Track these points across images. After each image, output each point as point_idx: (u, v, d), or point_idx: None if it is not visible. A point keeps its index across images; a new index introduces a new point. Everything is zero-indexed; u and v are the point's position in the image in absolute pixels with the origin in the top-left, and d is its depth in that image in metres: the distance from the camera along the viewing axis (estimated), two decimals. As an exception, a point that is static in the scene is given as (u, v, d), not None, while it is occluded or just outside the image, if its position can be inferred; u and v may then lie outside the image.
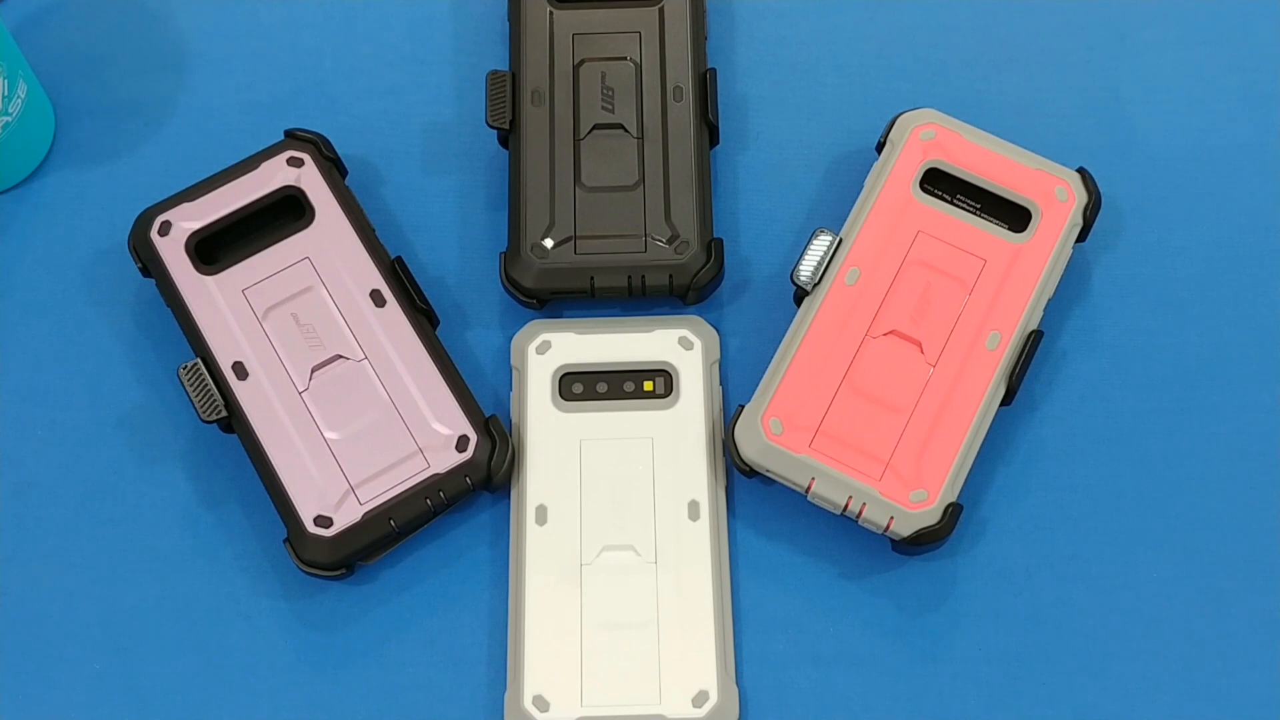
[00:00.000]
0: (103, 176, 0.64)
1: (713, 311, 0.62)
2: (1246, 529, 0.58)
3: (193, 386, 0.57)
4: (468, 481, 0.56)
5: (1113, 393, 0.60)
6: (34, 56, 0.65)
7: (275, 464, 0.56)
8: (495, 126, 0.62)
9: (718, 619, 0.56)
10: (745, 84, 0.66)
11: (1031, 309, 0.58)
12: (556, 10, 0.64)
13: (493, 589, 0.58)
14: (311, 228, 0.60)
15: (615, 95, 0.63)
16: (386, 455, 0.56)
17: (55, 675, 0.57)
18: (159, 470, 0.59)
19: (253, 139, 0.63)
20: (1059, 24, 0.67)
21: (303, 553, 0.55)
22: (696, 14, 0.64)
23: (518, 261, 0.60)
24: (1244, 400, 0.60)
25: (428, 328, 0.59)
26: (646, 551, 0.56)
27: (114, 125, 0.65)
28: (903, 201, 0.60)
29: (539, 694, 0.55)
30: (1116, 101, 0.65)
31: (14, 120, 0.61)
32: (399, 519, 0.56)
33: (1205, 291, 0.62)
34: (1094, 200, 0.60)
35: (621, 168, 0.62)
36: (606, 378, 0.59)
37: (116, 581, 0.58)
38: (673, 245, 0.60)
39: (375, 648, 0.57)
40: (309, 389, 0.57)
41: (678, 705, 0.54)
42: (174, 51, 0.67)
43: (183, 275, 0.59)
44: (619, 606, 0.56)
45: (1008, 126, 0.63)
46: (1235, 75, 0.66)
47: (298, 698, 0.56)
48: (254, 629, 0.57)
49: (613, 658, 0.55)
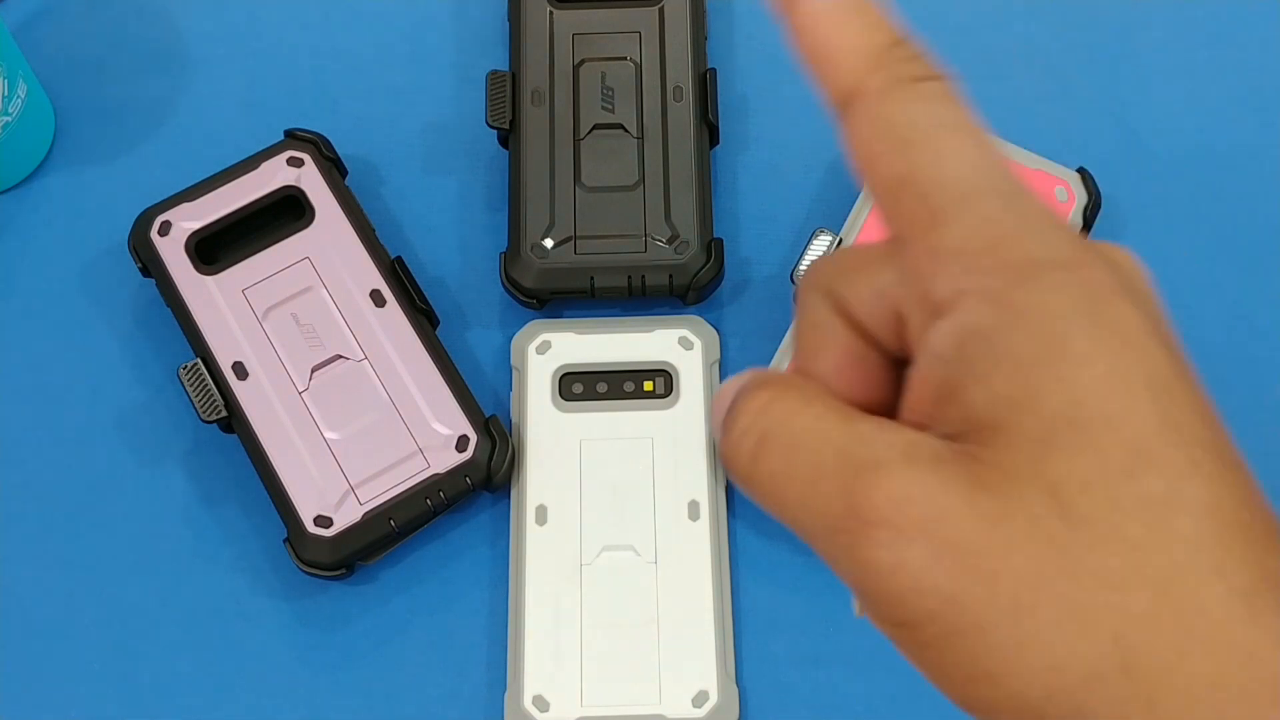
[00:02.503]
0: (103, 176, 0.64)
1: (713, 311, 0.62)
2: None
3: (193, 386, 0.57)
4: (468, 481, 0.56)
5: (1113, 393, 0.60)
6: (34, 56, 0.65)
7: (275, 464, 0.56)
8: (495, 126, 0.62)
9: (718, 619, 0.56)
10: (745, 84, 0.66)
11: (1031, 309, 0.58)
12: (556, 10, 0.64)
13: (493, 589, 0.58)
14: (311, 228, 0.60)
15: (615, 95, 0.63)
16: (386, 455, 0.56)
17: (55, 675, 0.57)
18: (159, 470, 0.59)
19: (253, 139, 0.62)
20: (1059, 24, 0.67)
21: (303, 553, 0.55)
22: (696, 14, 0.64)
23: (518, 261, 0.60)
24: (1244, 400, 0.60)
25: (428, 328, 0.59)
26: (646, 551, 0.56)
27: (114, 125, 0.65)
28: (903, 201, 0.60)
29: (539, 694, 0.55)
30: (1116, 101, 0.65)
31: (14, 120, 0.61)
32: (399, 519, 0.56)
33: (1205, 291, 0.62)
34: (1094, 200, 0.60)
35: (621, 168, 0.62)
36: (606, 378, 0.59)
37: (116, 581, 0.58)
38: (673, 245, 0.60)
39: (375, 648, 0.57)
40: (309, 389, 0.57)
41: (678, 705, 0.54)
42: (174, 51, 0.67)
43: (183, 275, 0.59)
44: (619, 606, 0.56)
45: (1008, 126, 0.63)
46: (1235, 75, 0.65)
47: (298, 698, 0.56)
48: (254, 629, 0.57)
49: (613, 658, 0.55)
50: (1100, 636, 0.23)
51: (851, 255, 0.28)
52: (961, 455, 0.25)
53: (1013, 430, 0.24)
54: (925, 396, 0.26)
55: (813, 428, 0.26)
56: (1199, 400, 0.25)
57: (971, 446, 0.25)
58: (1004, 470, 0.24)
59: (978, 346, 0.24)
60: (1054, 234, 0.25)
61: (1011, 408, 0.24)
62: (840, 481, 0.25)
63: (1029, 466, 0.24)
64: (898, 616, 0.25)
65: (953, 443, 0.25)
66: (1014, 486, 0.24)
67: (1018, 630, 0.24)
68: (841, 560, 0.25)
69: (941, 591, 0.24)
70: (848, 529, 0.25)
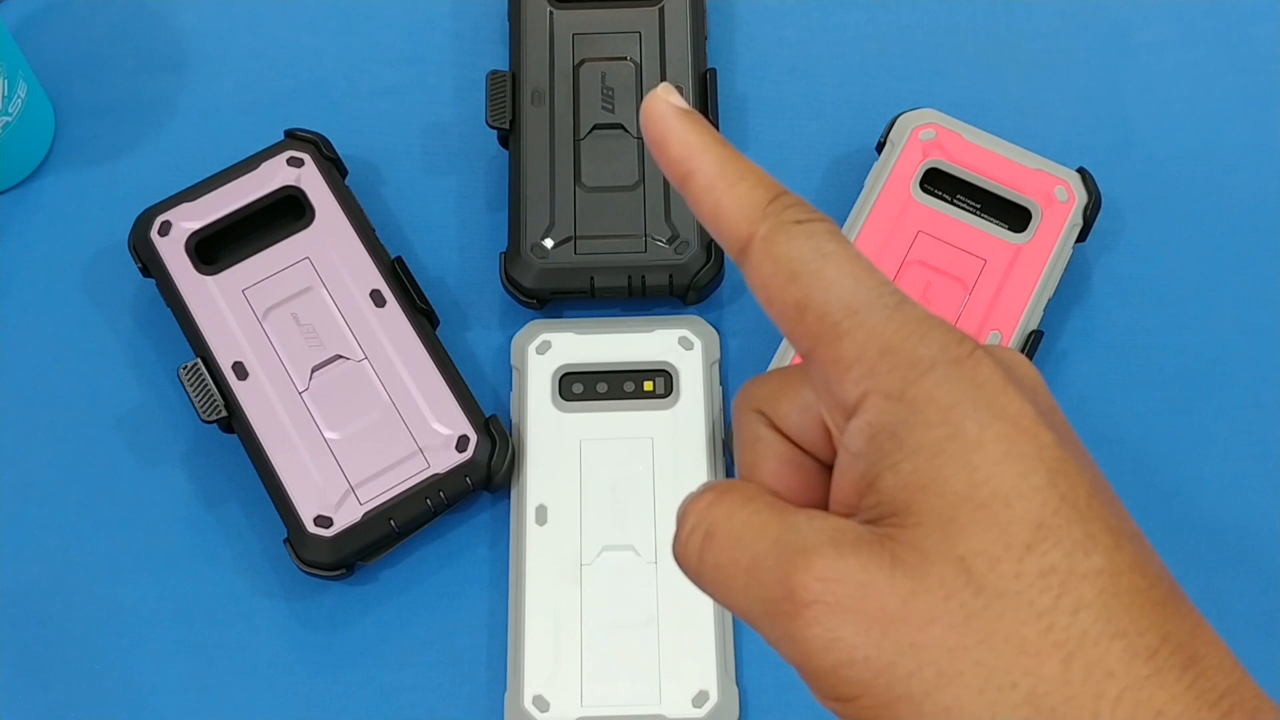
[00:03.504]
0: (103, 176, 0.64)
1: (713, 311, 0.62)
2: (1247, 529, 0.58)
3: (193, 386, 0.57)
4: (468, 481, 0.56)
5: (1113, 393, 0.60)
6: (34, 56, 0.65)
7: (275, 464, 0.56)
8: (495, 126, 0.62)
9: (718, 619, 0.56)
10: (745, 84, 0.66)
11: (1031, 309, 0.58)
12: (556, 10, 0.64)
13: (493, 589, 0.57)
14: (311, 228, 0.60)
15: (615, 95, 0.63)
16: (386, 455, 0.56)
17: (55, 675, 0.57)
18: (159, 470, 0.59)
19: (253, 139, 0.62)
20: (1059, 24, 0.67)
21: (303, 553, 0.55)
22: (696, 14, 0.64)
23: (518, 261, 0.60)
24: (1244, 400, 0.60)
25: (428, 328, 0.59)
26: (646, 551, 0.56)
27: (114, 125, 0.65)
28: (903, 201, 0.60)
29: (539, 694, 0.55)
30: (1116, 101, 0.65)
31: (14, 120, 0.61)
32: (399, 519, 0.56)
33: (1205, 291, 0.62)
34: (1094, 200, 0.60)
35: (622, 168, 0.62)
36: (606, 378, 0.59)
37: (116, 581, 0.58)
38: (673, 245, 0.60)
39: (375, 648, 0.57)
40: (309, 389, 0.57)
41: (678, 705, 0.54)
42: (174, 51, 0.67)
43: (183, 275, 0.59)
44: (619, 606, 0.56)
45: (1008, 126, 0.62)
46: (1235, 75, 0.65)
47: (298, 698, 0.56)
48: (254, 629, 0.57)
49: (613, 658, 0.55)
50: (1018, 700, 0.25)
51: (775, 379, 0.32)
52: (882, 538, 0.27)
53: (923, 512, 0.27)
54: (847, 488, 0.28)
55: (751, 521, 0.29)
56: (1092, 479, 0.27)
57: (890, 529, 0.27)
58: (919, 549, 0.26)
59: (885, 440, 0.27)
60: (940, 334, 0.28)
61: (920, 491, 0.27)
62: (776, 567, 0.28)
63: (940, 545, 0.26)
64: (837, 692, 0.27)
65: (874, 527, 0.27)
66: (929, 563, 0.26)
67: (944, 698, 0.26)
68: (783, 641, 0.28)
69: (872, 663, 0.26)
70: (785, 611, 0.27)
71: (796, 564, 0.27)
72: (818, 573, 0.27)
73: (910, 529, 0.27)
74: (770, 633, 0.28)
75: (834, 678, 0.27)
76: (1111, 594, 0.26)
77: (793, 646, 0.27)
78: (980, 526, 0.26)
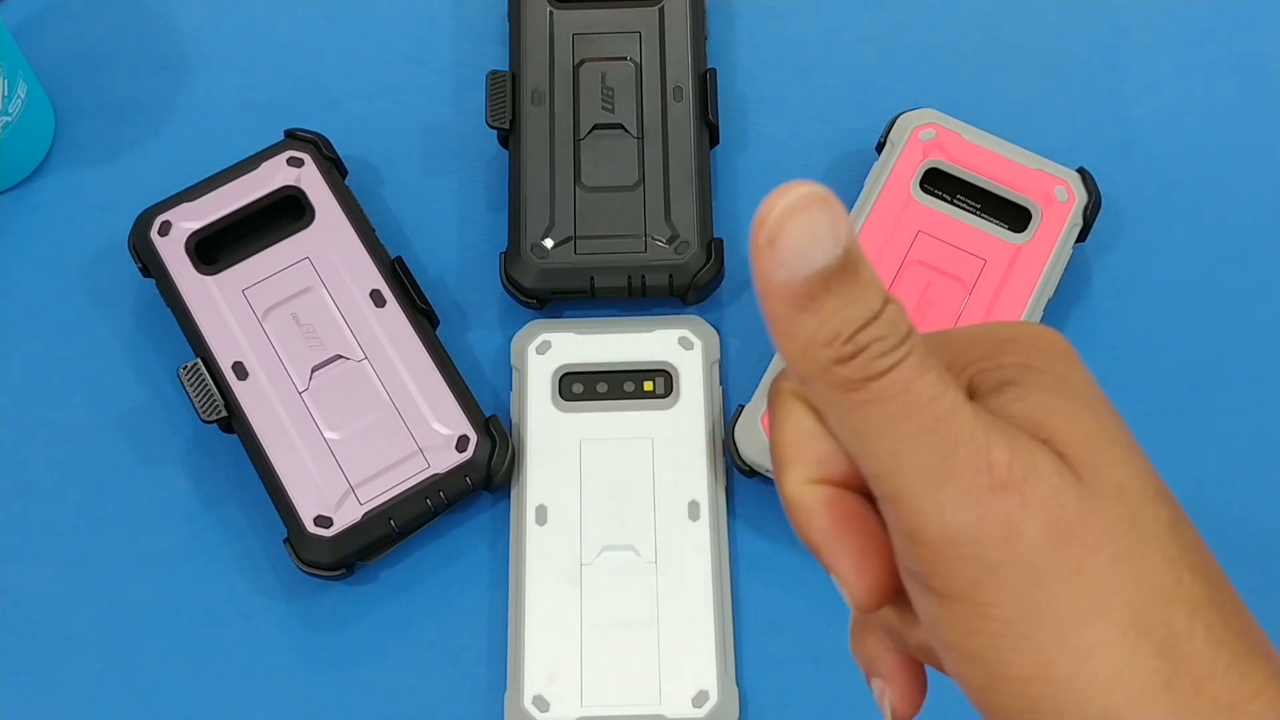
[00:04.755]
0: (103, 176, 0.64)
1: (713, 311, 0.62)
2: (1247, 528, 0.58)
3: (193, 386, 0.57)
4: (468, 481, 0.56)
5: (1113, 393, 0.59)
6: (34, 56, 0.65)
7: (275, 464, 0.56)
8: (495, 126, 0.62)
9: (718, 619, 0.56)
10: (745, 84, 0.66)
11: (1031, 309, 0.58)
12: (556, 10, 0.64)
13: (493, 589, 0.57)
14: (311, 228, 0.60)
15: (615, 95, 0.63)
16: (386, 455, 0.56)
17: (55, 675, 0.57)
18: (159, 470, 0.59)
19: (253, 139, 0.62)
20: (1059, 24, 0.67)
21: (303, 553, 0.55)
22: (696, 14, 0.64)
23: (518, 261, 0.60)
24: (1244, 400, 0.60)
25: (428, 328, 0.59)
26: (646, 551, 0.56)
27: (114, 125, 0.65)
28: (903, 201, 0.60)
29: (539, 694, 0.55)
30: (1116, 101, 0.65)
31: (14, 120, 0.61)
32: (399, 519, 0.56)
33: (1205, 291, 0.62)
34: (1094, 200, 0.60)
35: (621, 168, 0.62)
36: (606, 378, 0.59)
37: (116, 581, 0.58)
38: (673, 245, 0.60)
39: (375, 648, 0.57)
40: (309, 389, 0.57)
41: (678, 705, 0.54)
42: (174, 51, 0.67)
43: (183, 275, 0.59)
44: (619, 606, 0.56)
45: (1008, 126, 0.62)
46: (1235, 75, 0.65)
47: (298, 698, 0.56)
48: (254, 629, 0.57)
49: (612, 658, 0.55)
50: (1151, 648, 0.26)
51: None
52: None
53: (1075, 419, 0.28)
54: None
55: (945, 377, 0.26)
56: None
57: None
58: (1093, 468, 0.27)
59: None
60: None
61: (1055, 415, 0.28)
62: (973, 434, 0.26)
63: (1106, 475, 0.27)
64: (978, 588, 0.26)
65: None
66: (1103, 483, 0.27)
67: (1090, 634, 0.26)
68: (948, 506, 0.26)
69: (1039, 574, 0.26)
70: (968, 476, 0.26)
71: (996, 440, 0.26)
72: (1022, 456, 0.26)
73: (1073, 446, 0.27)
74: (921, 484, 0.26)
75: (989, 570, 0.26)
76: (1211, 572, 0.27)
77: (960, 513, 0.26)
78: (1120, 462, 0.27)
